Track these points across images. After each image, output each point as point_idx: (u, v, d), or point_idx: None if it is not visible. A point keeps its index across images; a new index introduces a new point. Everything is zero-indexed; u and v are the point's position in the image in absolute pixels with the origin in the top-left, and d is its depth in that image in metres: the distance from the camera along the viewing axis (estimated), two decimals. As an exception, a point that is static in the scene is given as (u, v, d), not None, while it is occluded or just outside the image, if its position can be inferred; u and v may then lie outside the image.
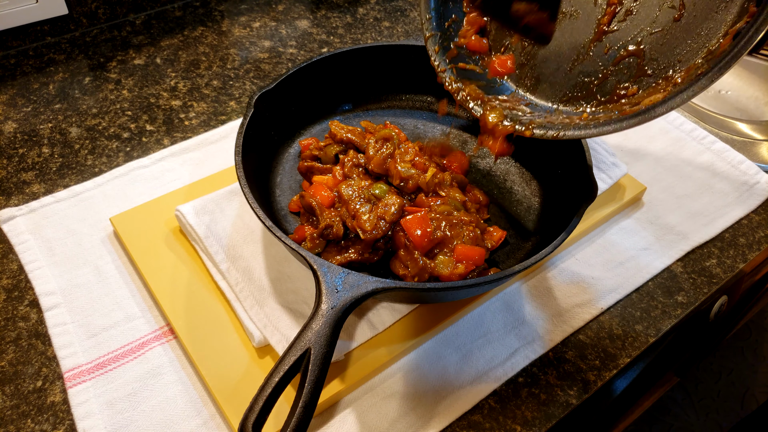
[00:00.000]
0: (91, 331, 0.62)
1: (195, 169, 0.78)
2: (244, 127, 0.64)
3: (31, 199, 0.73)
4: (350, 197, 0.63)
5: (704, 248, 0.74)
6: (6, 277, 0.66)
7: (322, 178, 0.68)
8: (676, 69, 0.56)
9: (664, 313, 0.67)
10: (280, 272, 0.64)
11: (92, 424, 0.55)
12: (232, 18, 1.03)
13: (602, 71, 0.61)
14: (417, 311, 0.63)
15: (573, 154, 0.67)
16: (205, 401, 0.57)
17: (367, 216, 0.61)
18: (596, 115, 0.59)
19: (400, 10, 1.08)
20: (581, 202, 0.60)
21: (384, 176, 0.67)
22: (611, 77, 0.61)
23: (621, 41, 0.60)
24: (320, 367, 0.47)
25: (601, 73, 0.61)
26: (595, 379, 0.62)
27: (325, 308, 0.49)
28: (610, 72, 0.61)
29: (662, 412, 1.59)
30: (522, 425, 0.58)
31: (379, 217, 0.61)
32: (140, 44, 0.96)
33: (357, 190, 0.63)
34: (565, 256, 0.71)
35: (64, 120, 0.84)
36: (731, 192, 0.80)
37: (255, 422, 0.45)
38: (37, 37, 0.94)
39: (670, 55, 0.56)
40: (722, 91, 1.19)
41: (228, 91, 0.90)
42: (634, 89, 0.59)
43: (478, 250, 0.60)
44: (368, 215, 0.61)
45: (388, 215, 0.61)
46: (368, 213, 0.61)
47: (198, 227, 0.65)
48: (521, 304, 0.66)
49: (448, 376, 0.60)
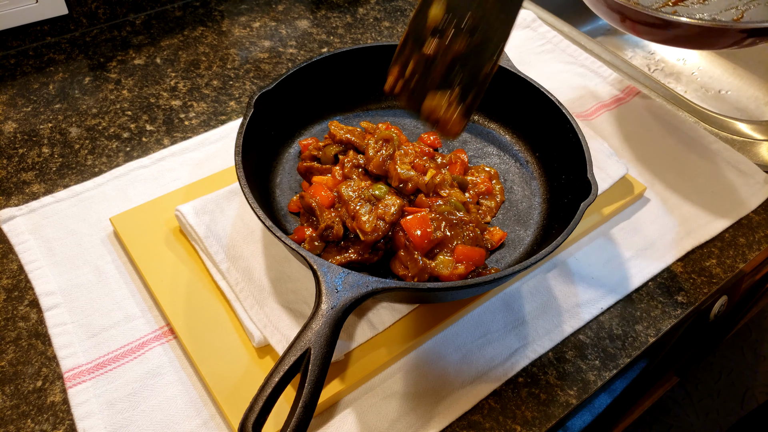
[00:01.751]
0: (91, 331, 0.62)
1: (195, 169, 0.78)
2: (244, 127, 0.64)
3: (31, 199, 0.73)
4: (350, 198, 0.63)
5: (704, 248, 0.74)
6: (6, 277, 0.66)
7: (321, 179, 0.68)
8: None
9: (664, 313, 0.68)
10: (280, 272, 0.64)
11: (92, 424, 0.55)
12: (232, 18, 1.03)
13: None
14: (417, 311, 0.63)
15: (573, 154, 0.67)
16: (205, 401, 0.57)
17: (366, 217, 0.61)
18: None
19: (400, 10, 1.08)
20: (581, 201, 0.60)
21: (384, 177, 0.67)
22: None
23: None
24: (320, 367, 0.47)
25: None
26: (595, 379, 0.62)
27: (325, 308, 0.49)
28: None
29: (662, 412, 1.59)
30: (522, 425, 0.58)
31: (378, 218, 0.61)
32: (140, 44, 0.96)
33: (357, 190, 0.63)
34: (565, 256, 0.71)
35: (64, 120, 0.84)
36: (731, 192, 0.80)
37: (255, 422, 0.45)
38: (37, 37, 0.94)
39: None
40: (722, 91, 1.19)
41: (228, 91, 0.90)
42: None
43: (478, 251, 0.60)
44: (368, 216, 0.61)
45: (388, 216, 0.61)
46: (368, 214, 0.61)
47: (198, 227, 0.65)
48: (521, 304, 0.66)
49: (448, 376, 0.60)
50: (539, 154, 0.75)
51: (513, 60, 0.94)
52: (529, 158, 0.76)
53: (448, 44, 0.53)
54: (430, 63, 0.54)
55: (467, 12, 0.52)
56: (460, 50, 0.53)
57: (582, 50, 0.99)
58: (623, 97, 0.91)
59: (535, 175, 0.74)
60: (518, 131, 0.78)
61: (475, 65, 0.53)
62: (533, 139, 0.76)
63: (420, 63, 0.55)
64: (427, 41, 0.54)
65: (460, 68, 0.53)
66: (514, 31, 1.02)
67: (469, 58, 0.53)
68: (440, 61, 0.54)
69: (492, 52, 0.52)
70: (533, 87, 0.72)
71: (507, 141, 0.78)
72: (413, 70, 0.55)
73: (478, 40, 0.52)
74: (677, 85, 1.21)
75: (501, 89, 0.76)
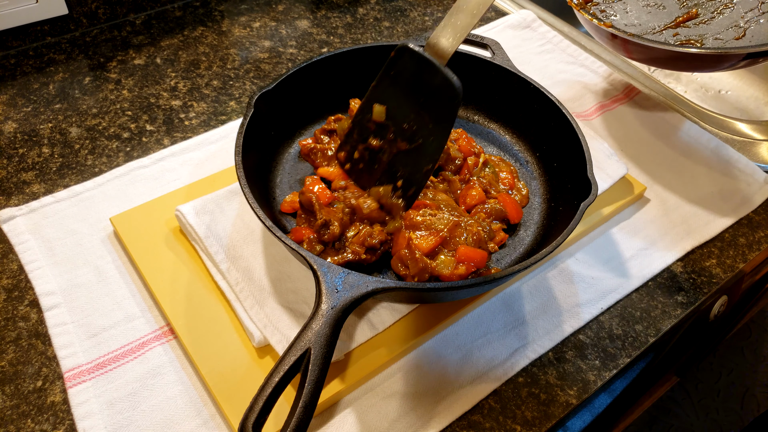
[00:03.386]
0: (91, 331, 0.62)
1: (195, 169, 0.78)
2: (244, 127, 0.64)
3: (31, 199, 0.73)
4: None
5: (704, 248, 0.74)
6: (6, 277, 0.66)
7: (326, 170, 0.69)
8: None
9: (664, 313, 0.67)
10: (280, 272, 0.64)
11: (92, 424, 0.55)
12: (232, 18, 1.03)
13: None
14: (417, 311, 0.63)
15: (573, 154, 0.67)
16: (205, 401, 0.57)
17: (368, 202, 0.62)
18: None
19: (400, 10, 1.08)
20: (581, 201, 0.60)
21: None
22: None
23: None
24: (320, 367, 0.47)
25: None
26: (595, 379, 0.62)
27: (325, 308, 0.49)
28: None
29: (662, 412, 1.59)
30: (522, 425, 0.58)
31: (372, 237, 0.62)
32: (140, 44, 0.96)
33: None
34: (565, 256, 0.71)
35: (64, 120, 0.84)
36: (731, 192, 0.80)
37: (255, 422, 0.45)
38: (37, 37, 0.94)
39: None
40: (722, 91, 1.19)
41: (228, 91, 0.90)
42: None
43: (480, 252, 0.60)
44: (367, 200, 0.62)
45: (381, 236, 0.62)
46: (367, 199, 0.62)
47: (198, 227, 0.65)
48: (521, 304, 0.66)
49: (448, 376, 0.60)
50: (539, 154, 0.75)
51: (513, 60, 0.94)
52: (529, 158, 0.76)
53: (390, 143, 0.58)
54: (375, 153, 0.59)
55: (405, 121, 0.56)
56: (401, 148, 0.57)
57: (582, 50, 0.99)
58: (623, 97, 0.91)
59: (535, 175, 0.74)
60: (518, 131, 0.78)
61: (415, 164, 0.57)
62: (533, 139, 0.76)
63: (365, 153, 0.59)
64: (371, 137, 0.58)
65: (402, 166, 0.58)
66: (515, 31, 1.02)
67: (409, 156, 0.57)
68: (385, 153, 0.58)
69: (431, 155, 0.56)
70: (533, 87, 0.73)
71: (507, 141, 0.78)
72: (359, 158, 0.60)
73: (417, 144, 0.56)
74: (677, 85, 1.21)
75: (501, 89, 0.77)
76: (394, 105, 0.57)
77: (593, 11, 0.78)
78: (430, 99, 0.55)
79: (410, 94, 0.56)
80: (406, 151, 0.57)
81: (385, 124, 0.57)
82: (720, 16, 0.74)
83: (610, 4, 0.79)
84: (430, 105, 0.55)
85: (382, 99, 0.57)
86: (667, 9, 0.77)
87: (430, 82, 0.54)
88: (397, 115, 0.57)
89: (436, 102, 0.54)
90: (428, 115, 0.55)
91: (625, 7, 0.79)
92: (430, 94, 0.54)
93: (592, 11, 0.78)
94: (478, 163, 0.71)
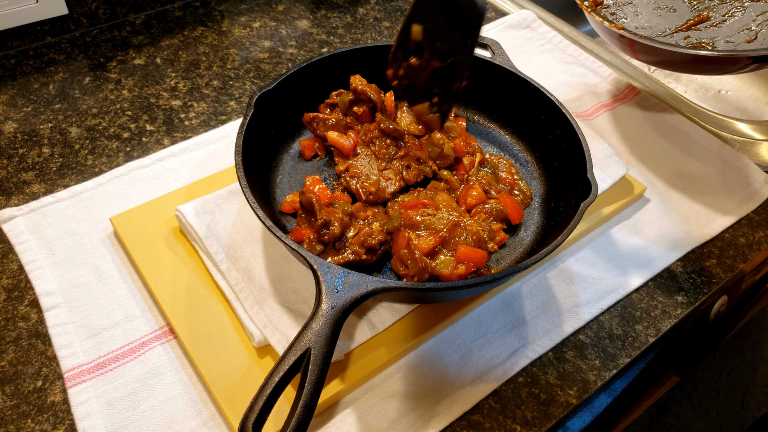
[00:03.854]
0: (91, 331, 0.62)
1: (195, 169, 0.78)
2: (244, 127, 0.64)
3: (31, 199, 0.73)
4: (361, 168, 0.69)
5: (704, 248, 0.74)
6: (6, 277, 0.66)
7: (332, 134, 0.71)
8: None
9: (664, 313, 0.67)
10: (280, 272, 0.64)
11: (92, 424, 0.55)
12: (232, 18, 1.03)
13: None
14: (417, 311, 0.63)
15: (573, 154, 0.67)
16: (205, 401, 0.57)
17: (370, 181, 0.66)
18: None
19: (400, 10, 1.08)
20: (581, 201, 0.60)
21: (399, 137, 0.72)
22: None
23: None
24: (320, 367, 0.47)
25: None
26: (595, 379, 0.62)
27: (325, 308, 0.49)
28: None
29: (662, 412, 1.59)
30: (522, 425, 0.58)
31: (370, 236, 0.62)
32: (140, 44, 0.96)
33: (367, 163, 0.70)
34: (565, 256, 0.71)
35: (64, 120, 0.84)
36: (731, 192, 0.80)
37: (255, 422, 0.45)
38: (37, 37, 0.94)
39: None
40: (722, 91, 1.19)
41: (228, 91, 0.90)
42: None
43: (480, 252, 0.60)
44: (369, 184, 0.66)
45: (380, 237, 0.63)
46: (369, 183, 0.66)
47: (198, 227, 0.65)
48: (521, 304, 0.66)
49: (448, 376, 0.60)
50: (539, 154, 0.75)
51: (513, 60, 0.94)
52: (529, 158, 0.76)
53: (427, 61, 0.65)
54: (415, 70, 0.67)
55: (439, 40, 0.64)
56: (435, 66, 0.65)
57: (582, 50, 0.99)
58: (623, 97, 0.91)
59: (535, 175, 0.74)
60: (518, 131, 0.78)
61: (447, 82, 0.65)
62: (533, 139, 0.76)
63: (408, 69, 0.67)
64: (411, 56, 0.66)
65: (436, 83, 0.66)
66: (515, 31, 1.02)
67: (443, 74, 0.65)
68: (422, 71, 0.66)
69: (460, 73, 0.64)
70: (533, 87, 0.73)
71: (507, 141, 0.78)
72: (404, 75, 0.68)
73: (448, 62, 0.64)
74: (677, 85, 1.21)
75: (501, 89, 0.77)
76: (430, 25, 0.63)
77: (603, 14, 0.78)
78: (458, 18, 0.61)
79: (442, 14, 0.62)
80: (439, 69, 0.65)
81: (422, 43, 0.64)
82: (731, 19, 0.74)
83: (620, 7, 0.79)
84: (458, 24, 0.62)
85: (419, 19, 0.63)
86: (677, 12, 0.77)
87: (458, 2, 0.61)
88: (432, 34, 0.63)
89: (462, 21, 0.61)
90: (457, 34, 0.62)
91: (636, 9, 0.79)
92: (458, 13, 0.61)
93: (602, 14, 0.78)
94: (474, 162, 0.71)
